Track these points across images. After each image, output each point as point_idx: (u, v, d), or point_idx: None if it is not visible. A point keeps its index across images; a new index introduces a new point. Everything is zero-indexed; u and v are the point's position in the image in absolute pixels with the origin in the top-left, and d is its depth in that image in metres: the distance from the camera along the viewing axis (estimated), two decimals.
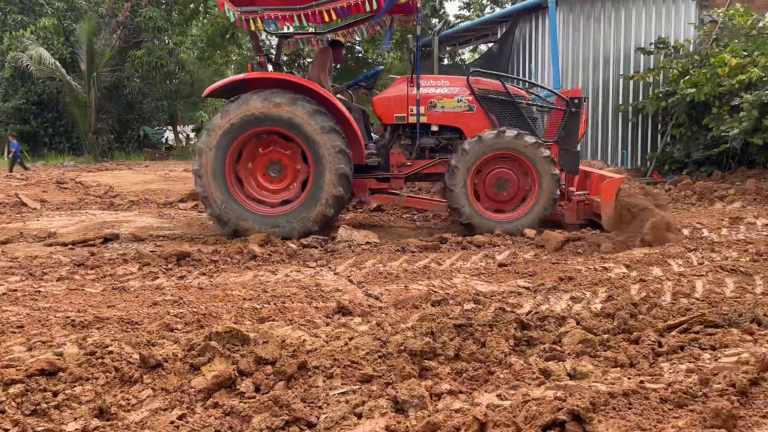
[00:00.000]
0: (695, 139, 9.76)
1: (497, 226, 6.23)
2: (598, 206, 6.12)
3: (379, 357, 2.88)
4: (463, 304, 3.84)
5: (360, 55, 20.75)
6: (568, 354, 2.90)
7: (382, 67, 7.90)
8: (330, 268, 5.02)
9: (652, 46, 10.35)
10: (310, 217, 6.16)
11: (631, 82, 10.47)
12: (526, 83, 7.89)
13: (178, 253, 5.21)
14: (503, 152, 6.32)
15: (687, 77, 9.47)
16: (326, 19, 6.08)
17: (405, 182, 6.93)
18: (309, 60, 18.31)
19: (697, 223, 6.58)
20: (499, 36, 11.73)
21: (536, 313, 3.52)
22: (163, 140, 23.05)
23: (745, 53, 9.08)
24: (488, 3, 16.61)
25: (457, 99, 6.61)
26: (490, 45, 12.53)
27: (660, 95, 10.06)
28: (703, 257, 5.02)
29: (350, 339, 3.11)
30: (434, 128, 6.67)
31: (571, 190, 6.90)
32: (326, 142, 6.06)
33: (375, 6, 6.01)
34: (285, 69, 7.88)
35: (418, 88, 6.47)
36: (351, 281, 4.60)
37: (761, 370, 2.38)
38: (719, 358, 2.68)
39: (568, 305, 3.82)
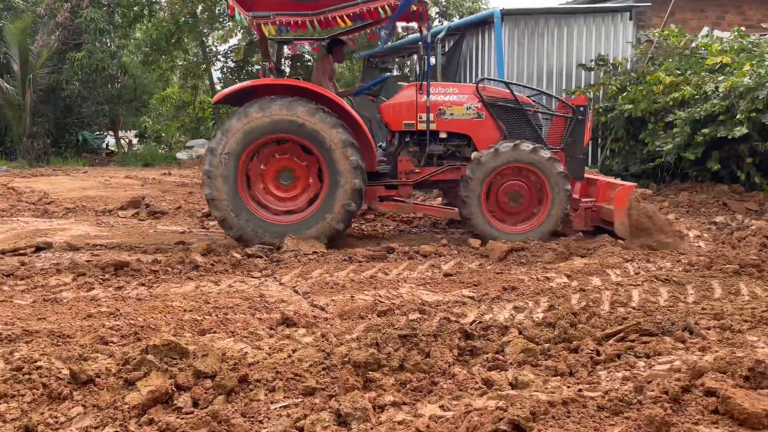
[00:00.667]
0: (633, 153, 10.13)
1: (509, 238, 6.20)
2: (608, 213, 6.28)
3: (323, 369, 2.84)
4: (408, 314, 3.85)
5: (309, 63, 20.66)
6: (511, 363, 2.93)
7: (389, 74, 7.73)
8: (275, 278, 4.94)
9: (593, 63, 10.71)
10: (319, 228, 6.10)
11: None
12: (533, 90, 7.93)
13: (115, 262, 5.02)
14: (518, 165, 6.35)
15: (625, 94, 9.83)
16: (339, 24, 6.09)
17: (413, 189, 6.91)
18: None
19: None
20: (447, 49, 11.91)
21: (480, 322, 3.55)
22: (104, 146, 22.28)
23: (679, 72, 9.50)
24: (437, 16, 16.86)
25: (466, 106, 6.62)
26: (442, 58, 12.70)
27: (600, 110, 10.41)
28: (639, 267, 5.19)
29: (294, 351, 3.06)
30: (442, 135, 6.68)
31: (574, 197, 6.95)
32: (343, 156, 6.02)
33: (389, 12, 5.98)
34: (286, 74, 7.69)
35: (428, 95, 6.48)
36: (296, 292, 4.55)
37: (692, 378, 2.47)
38: (653, 365, 2.77)
39: (511, 315, 3.88)
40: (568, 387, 2.60)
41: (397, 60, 14.84)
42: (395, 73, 16.58)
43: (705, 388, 2.36)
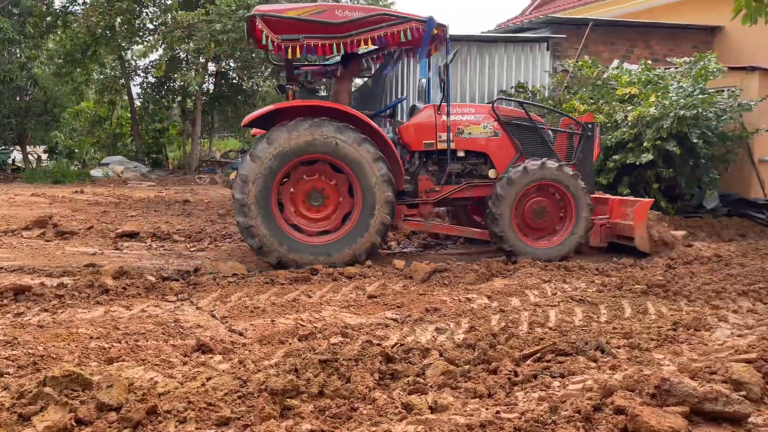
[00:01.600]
0: None
1: (537, 253, 6.45)
2: (624, 228, 6.66)
3: (239, 397, 2.73)
4: (330, 338, 3.79)
5: (235, 81, 20.34)
6: (431, 386, 2.92)
7: (404, 97, 7.72)
8: (192, 302, 4.75)
9: (513, 90, 11.12)
10: (356, 247, 6.19)
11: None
12: (544, 109, 8.05)
13: (15, 287, 4.67)
14: (546, 182, 6.61)
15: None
16: (363, 47, 6.19)
17: (434, 207, 7.01)
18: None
19: None
20: (372, 72, 12.04)
21: (402, 345, 3.54)
22: (9, 161, 20.92)
23: (592, 101, 10.01)
24: None
25: (483, 125, 6.85)
26: (365, 80, 12.82)
27: None
28: (556, 288, 5.35)
29: (208, 379, 2.93)
30: (460, 154, 6.86)
31: None
32: (374, 170, 6.13)
33: (410, 36, 6.18)
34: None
35: (448, 116, 6.66)
36: (214, 316, 4.38)
37: (603, 396, 2.54)
38: (567, 385, 2.83)
39: (433, 336, 3.89)
40: (487, 409, 2.61)
41: (324, 81, 14.86)
42: (323, 93, 16.59)
43: (615, 407, 2.43)
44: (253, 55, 15.21)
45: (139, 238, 7.60)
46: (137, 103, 20.87)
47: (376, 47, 7.07)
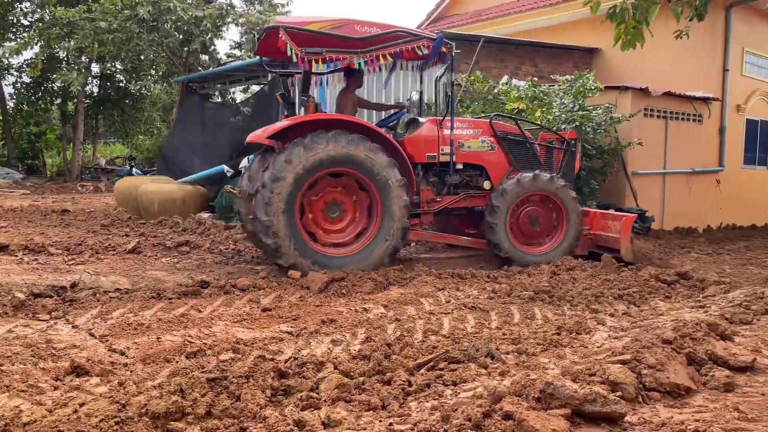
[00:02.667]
0: None
1: (532, 259, 6.92)
2: (608, 240, 7.26)
3: (116, 423, 2.53)
4: (221, 354, 3.62)
5: (121, 84, 19.29)
6: (325, 401, 2.86)
7: (406, 110, 7.71)
8: (67, 320, 4.38)
9: (409, 102, 11.34)
10: (371, 260, 6.39)
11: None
12: (534, 125, 8.48)
13: None
14: (538, 193, 7.11)
15: None
16: (381, 61, 6.48)
17: (434, 217, 7.31)
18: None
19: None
20: (269, 78, 11.82)
21: (296, 359, 3.45)
22: None
23: (483, 115, 10.43)
24: None
25: (480, 140, 7.26)
26: (262, 86, 12.58)
27: None
28: (450, 296, 5.47)
29: (82, 404, 2.69)
30: (459, 166, 7.20)
31: None
32: (397, 189, 6.42)
33: (423, 52, 6.58)
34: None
35: (452, 130, 6.99)
36: (92, 335, 4.06)
37: (492, 403, 2.60)
38: (459, 393, 2.88)
39: (329, 349, 3.83)
40: (380, 421, 2.59)
41: (218, 86, 14.44)
42: (218, 99, 16.11)
43: (503, 413, 2.49)
44: (142, 57, 14.50)
45: (9, 251, 6.94)
46: (10, 104, 19.22)
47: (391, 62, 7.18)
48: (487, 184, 7.26)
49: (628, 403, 2.77)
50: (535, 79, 11.07)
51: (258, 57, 7.42)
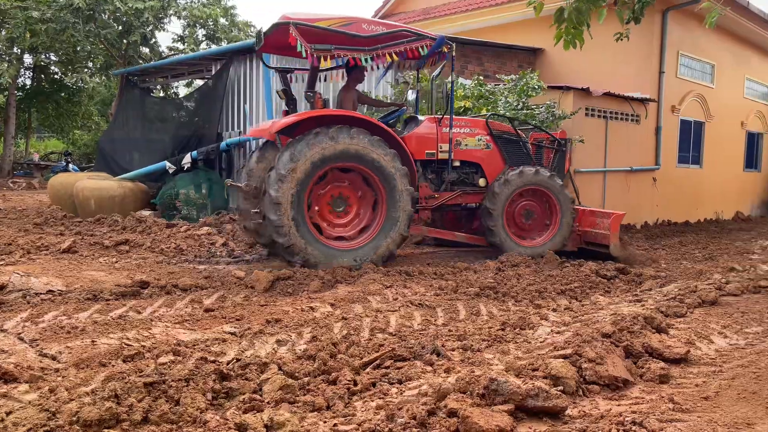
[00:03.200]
0: None
1: (528, 252, 7.16)
2: (597, 236, 7.49)
3: None
4: (160, 357, 3.50)
5: (56, 76, 18.48)
6: (268, 403, 2.80)
7: (405, 108, 7.92)
8: None
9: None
10: (378, 253, 6.53)
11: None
12: (528, 125, 8.56)
13: None
14: (532, 187, 7.43)
15: None
16: (387, 60, 6.63)
17: (432, 213, 7.47)
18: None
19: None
20: (214, 72, 11.57)
21: (239, 360, 3.36)
22: None
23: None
24: (204, 39, 16.35)
25: (477, 138, 7.48)
26: (206, 80, 12.29)
27: None
28: (397, 293, 5.46)
29: (8, 413, 2.54)
30: (456, 164, 7.37)
31: None
32: (402, 184, 6.57)
33: (425, 52, 6.75)
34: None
35: (451, 128, 7.20)
36: (22, 339, 3.85)
37: (437, 400, 2.60)
38: (404, 391, 2.87)
39: (273, 349, 3.76)
40: (325, 422, 2.56)
41: (160, 80, 14.01)
42: (160, 93, 15.66)
43: (448, 410, 2.50)
44: (78, 48, 13.98)
45: None
46: None
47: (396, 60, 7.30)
48: (482, 182, 7.49)
49: (569, 397, 2.82)
50: (481, 78, 11.22)
51: (262, 53, 7.42)
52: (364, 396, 2.86)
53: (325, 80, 8.04)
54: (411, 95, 7.78)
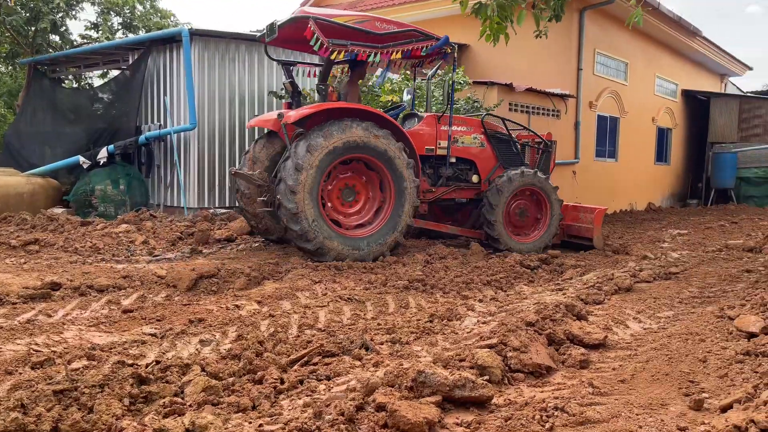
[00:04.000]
0: None
1: (524, 248, 7.48)
2: (581, 230, 8.10)
3: None
4: (72, 362, 3.29)
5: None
6: (190, 406, 2.69)
7: (404, 105, 8.17)
8: None
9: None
10: (387, 242, 6.75)
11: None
12: (518, 126, 8.83)
13: None
14: (529, 188, 7.77)
15: None
16: (393, 57, 6.90)
17: (428, 206, 7.73)
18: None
19: None
20: (131, 62, 11.04)
21: (159, 363, 3.22)
22: None
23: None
24: (120, 27, 15.58)
25: (473, 136, 7.84)
26: (123, 71, 11.72)
27: None
28: (326, 288, 5.41)
29: None
30: (452, 160, 7.68)
31: None
32: (409, 177, 6.83)
33: (429, 51, 7.10)
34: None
35: (450, 125, 7.55)
36: None
37: (366, 395, 2.57)
38: (332, 387, 2.82)
39: (197, 350, 3.62)
40: (250, 423, 2.48)
41: (72, 70, 13.25)
42: (72, 84, 14.81)
43: (376, 404, 2.48)
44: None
45: None
46: None
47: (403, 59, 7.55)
48: (475, 178, 7.86)
49: (495, 386, 2.87)
50: (408, 72, 11.28)
51: (268, 47, 7.49)
52: (291, 394, 2.80)
53: (311, 75, 8.32)
54: (406, 95, 8.03)
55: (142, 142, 10.33)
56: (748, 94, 22.49)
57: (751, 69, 22.59)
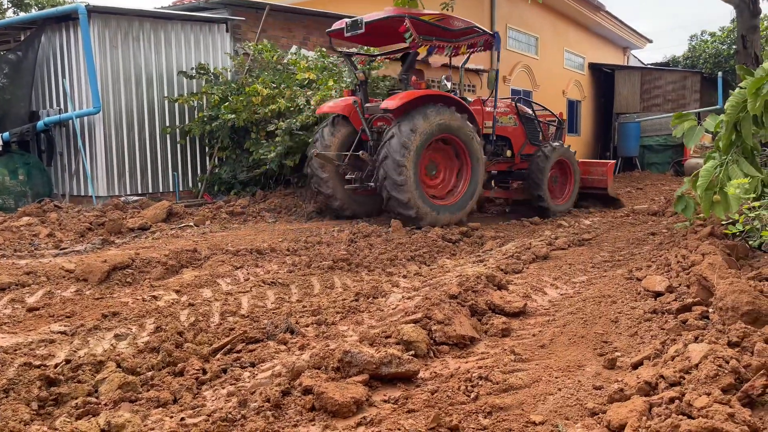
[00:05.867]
0: (240, 162, 10.44)
1: (561, 208, 9.10)
2: (594, 182, 9.73)
3: None
4: None
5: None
6: (105, 405, 2.55)
7: (457, 91, 8.94)
8: None
9: (194, 71, 10.65)
10: (467, 209, 7.84)
11: (177, 104, 10.54)
12: (539, 106, 10.15)
13: None
14: (561, 159, 9.25)
15: (227, 103, 10.04)
16: (460, 52, 8.36)
17: None
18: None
19: (237, 239, 6.98)
20: (23, 41, 10.24)
21: (69, 362, 3.03)
22: None
23: (274, 85, 10.18)
24: (9, 6, 14.40)
25: (509, 117, 9.01)
26: (15, 53, 10.85)
27: (205, 119, 10.41)
28: (248, 273, 5.28)
29: None
30: (493, 138, 8.75)
31: None
32: (480, 154, 7.92)
33: (482, 44, 8.30)
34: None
35: (495, 108, 8.70)
36: None
37: (291, 379, 2.53)
38: (257, 374, 2.76)
39: (111, 345, 3.44)
40: (171, 417, 2.38)
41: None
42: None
43: (303, 388, 2.44)
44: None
45: None
46: None
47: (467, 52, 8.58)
48: (509, 153, 9.03)
49: (421, 360, 2.89)
50: (324, 49, 11.10)
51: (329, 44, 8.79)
52: (214, 384, 2.71)
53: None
54: (445, 81, 8.63)
55: (41, 129, 9.66)
56: (649, 66, 23.77)
57: (651, 42, 23.86)
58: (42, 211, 8.25)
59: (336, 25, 8.03)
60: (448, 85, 8.60)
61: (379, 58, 9.56)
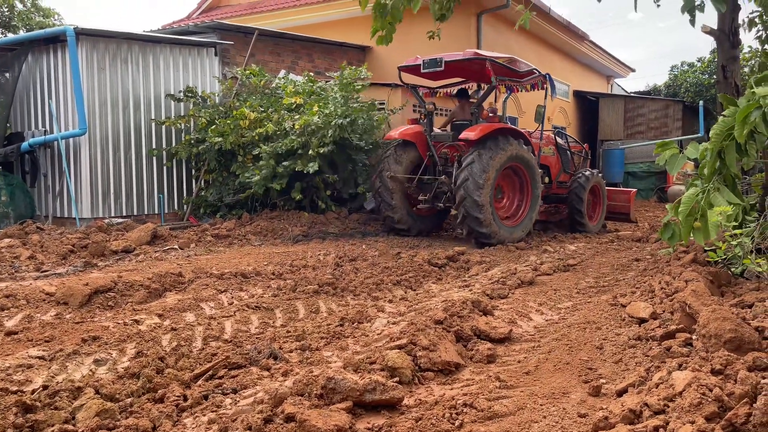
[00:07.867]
0: (226, 184, 10.42)
1: (594, 228, 9.90)
2: (615, 207, 10.65)
3: None
4: None
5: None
6: None
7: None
8: None
9: (182, 94, 10.66)
10: (527, 229, 8.63)
11: (164, 127, 10.53)
12: (572, 138, 10.99)
13: None
14: (594, 185, 10.06)
15: (214, 126, 10.05)
16: (523, 90, 9.34)
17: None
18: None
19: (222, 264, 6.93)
20: (10, 58, 10.20)
21: (46, 388, 2.97)
22: None
23: (262, 109, 10.22)
24: None
25: (549, 147, 9.83)
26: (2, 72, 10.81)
27: (192, 141, 10.41)
28: (233, 297, 5.23)
29: None
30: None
31: None
32: (538, 180, 8.78)
33: (534, 84, 9.21)
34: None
35: (541, 139, 9.52)
36: None
37: (274, 406, 2.49)
38: (239, 401, 2.71)
39: (90, 371, 3.38)
40: None
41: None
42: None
43: (285, 415, 2.40)
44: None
45: None
46: None
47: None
48: (547, 179, 9.64)
49: (405, 387, 2.87)
50: (312, 74, 11.19)
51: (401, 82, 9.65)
52: (195, 411, 2.66)
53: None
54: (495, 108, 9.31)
55: (26, 150, 9.58)
56: (632, 94, 24.19)
57: (633, 71, 24.32)
58: (24, 232, 8.15)
59: (409, 61, 8.97)
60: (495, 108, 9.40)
61: (440, 91, 10.39)
